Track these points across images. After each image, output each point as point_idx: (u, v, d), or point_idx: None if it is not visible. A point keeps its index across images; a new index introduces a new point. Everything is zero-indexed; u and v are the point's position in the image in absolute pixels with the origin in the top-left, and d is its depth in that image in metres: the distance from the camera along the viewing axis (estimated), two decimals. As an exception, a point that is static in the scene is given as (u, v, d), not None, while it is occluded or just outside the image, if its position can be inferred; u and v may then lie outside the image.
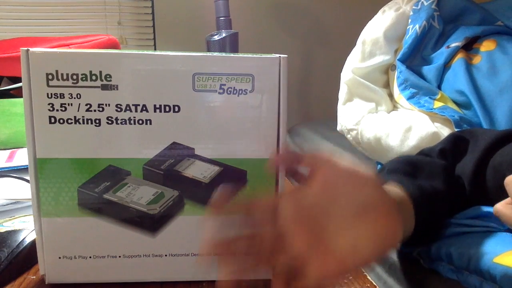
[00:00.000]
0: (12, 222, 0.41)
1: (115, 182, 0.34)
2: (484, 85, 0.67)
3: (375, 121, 0.76)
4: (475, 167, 0.43)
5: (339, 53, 1.19)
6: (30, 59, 0.32)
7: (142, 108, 0.33)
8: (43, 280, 0.35)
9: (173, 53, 0.33)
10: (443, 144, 0.47)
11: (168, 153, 0.34)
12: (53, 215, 0.34)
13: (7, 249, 0.37)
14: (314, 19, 1.77)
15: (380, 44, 0.82)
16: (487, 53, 0.71)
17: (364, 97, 0.81)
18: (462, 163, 0.45)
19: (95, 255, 0.35)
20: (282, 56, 0.34)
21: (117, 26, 1.64)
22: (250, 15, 1.68)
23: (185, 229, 0.35)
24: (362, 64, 0.82)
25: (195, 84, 0.34)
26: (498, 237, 0.40)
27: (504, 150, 0.42)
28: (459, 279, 0.39)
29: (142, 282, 0.36)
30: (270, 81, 0.34)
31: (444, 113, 0.68)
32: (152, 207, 0.35)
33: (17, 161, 0.58)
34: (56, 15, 1.57)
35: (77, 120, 0.33)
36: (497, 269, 0.35)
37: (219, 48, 1.16)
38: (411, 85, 0.75)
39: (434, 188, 0.40)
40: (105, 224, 0.35)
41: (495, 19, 0.79)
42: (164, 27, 1.66)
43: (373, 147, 0.76)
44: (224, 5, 1.20)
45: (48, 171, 0.34)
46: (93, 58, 0.33)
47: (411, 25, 0.81)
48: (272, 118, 0.35)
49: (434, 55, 0.77)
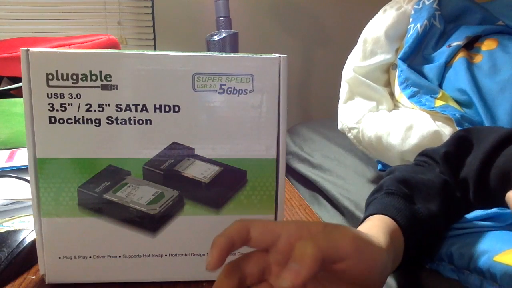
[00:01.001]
0: (12, 222, 0.41)
1: (115, 182, 0.34)
2: (486, 84, 0.67)
3: (376, 119, 0.76)
4: (479, 169, 0.42)
5: (339, 53, 1.19)
6: (30, 59, 0.32)
7: (142, 108, 0.33)
8: (43, 280, 0.35)
9: (173, 53, 0.33)
10: (447, 146, 0.47)
11: (168, 153, 0.34)
12: (53, 215, 0.34)
13: (7, 249, 0.37)
14: (314, 19, 1.77)
15: (381, 43, 0.82)
16: (488, 52, 0.71)
17: (365, 95, 0.81)
18: (467, 165, 0.45)
19: (95, 255, 0.35)
20: (282, 56, 0.34)
21: (117, 26, 1.64)
22: (250, 15, 1.68)
23: (185, 229, 0.35)
24: (363, 63, 0.82)
25: (195, 84, 0.34)
26: (498, 235, 0.40)
27: (508, 150, 0.41)
28: (459, 278, 0.39)
29: (142, 282, 0.36)
30: (270, 81, 0.34)
31: (445, 112, 0.68)
32: (152, 207, 0.35)
33: (17, 161, 0.58)
34: (56, 15, 1.57)
35: (77, 120, 0.33)
36: (497, 267, 0.35)
37: (219, 48, 1.16)
38: (412, 84, 0.75)
39: (430, 212, 0.40)
40: (105, 224, 0.35)
41: (496, 19, 0.79)
42: (164, 27, 1.66)
43: (374, 145, 0.76)
44: (224, 5, 1.20)
45: (48, 171, 0.33)
46: (93, 58, 0.32)
47: (412, 24, 0.81)
48: (272, 118, 0.35)
49: (435, 54, 0.77)
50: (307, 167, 0.99)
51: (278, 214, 0.36)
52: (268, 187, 0.36)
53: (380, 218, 0.38)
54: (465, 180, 0.44)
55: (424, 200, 0.41)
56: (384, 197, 0.41)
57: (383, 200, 0.40)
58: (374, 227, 0.36)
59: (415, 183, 0.42)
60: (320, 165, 0.95)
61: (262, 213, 0.36)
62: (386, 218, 0.37)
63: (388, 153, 0.74)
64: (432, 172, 0.45)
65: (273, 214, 0.36)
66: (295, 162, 1.04)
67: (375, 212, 0.39)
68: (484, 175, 0.42)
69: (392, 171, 0.46)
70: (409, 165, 0.49)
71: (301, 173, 0.99)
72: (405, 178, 0.42)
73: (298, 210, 0.53)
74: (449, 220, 0.42)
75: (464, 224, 0.43)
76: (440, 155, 0.46)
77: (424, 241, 0.39)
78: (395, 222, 0.37)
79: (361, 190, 0.80)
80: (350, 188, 0.82)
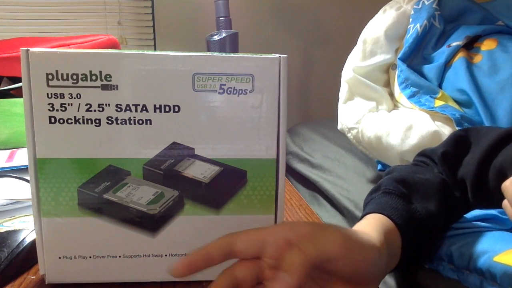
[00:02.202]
0: (12, 222, 0.41)
1: (115, 182, 0.34)
2: (485, 84, 0.67)
3: (376, 119, 0.76)
4: (477, 168, 0.42)
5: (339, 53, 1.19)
6: (30, 59, 0.32)
7: (142, 108, 0.33)
8: (43, 280, 0.35)
9: (173, 53, 0.33)
10: (445, 146, 0.47)
11: (168, 153, 0.34)
12: (53, 215, 0.34)
13: (7, 249, 0.37)
14: (314, 19, 1.77)
15: (381, 43, 0.82)
16: (488, 52, 0.71)
17: (365, 96, 0.81)
18: (465, 165, 0.45)
19: (95, 255, 0.35)
20: (282, 56, 0.34)
21: (117, 26, 1.64)
22: (250, 15, 1.67)
23: (185, 229, 0.35)
24: (363, 63, 0.82)
25: (195, 84, 0.34)
26: (498, 235, 0.40)
27: (506, 149, 0.41)
28: (459, 278, 0.39)
29: (142, 282, 0.36)
30: (270, 81, 0.34)
31: (445, 112, 0.68)
32: (152, 207, 0.35)
33: (17, 161, 0.58)
34: (56, 15, 1.57)
35: (77, 120, 0.33)
36: (497, 267, 0.35)
37: (219, 48, 1.16)
38: (412, 84, 0.75)
39: (428, 211, 0.40)
40: (105, 224, 0.35)
41: (495, 19, 0.79)
42: (164, 27, 1.66)
43: (373, 145, 0.76)
44: (224, 5, 1.20)
45: (48, 171, 0.34)
46: (93, 58, 0.32)
47: (412, 24, 0.81)
48: (272, 118, 0.35)
49: (435, 54, 0.77)
50: (307, 167, 0.99)
51: (278, 214, 0.36)
52: (268, 187, 0.36)
53: (376, 217, 0.38)
54: (463, 180, 0.44)
55: (422, 199, 0.41)
56: (381, 197, 0.41)
57: (381, 199, 0.40)
58: (369, 225, 0.36)
59: (413, 182, 0.42)
60: (320, 165, 0.95)
61: (262, 213, 0.36)
62: (382, 217, 0.38)
63: (388, 153, 0.74)
64: (431, 172, 0.45)
65: (273, 214, 0.36)
66: (295, 162, 1.04)
67: (371, 211, 0.39)
68: (482, 175, 0.42)
69: (391, 171, 0.46)
70: (408, 165, 0.49)
71: (301, 173, 0.99)
72: (403, 178, 0.42)
73: (298, 210, 0.53)
74: (447, 220, 0.42)
75: (463, 224, 0.43)
76: (439, 155, 0.46)
77: (422, 240, 0.39)
78: (392, 221, 0.37)
79: (361, 190, 0.80)
80: (350, 188, 0.82)
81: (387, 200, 0.40)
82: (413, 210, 0.39)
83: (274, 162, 0.35)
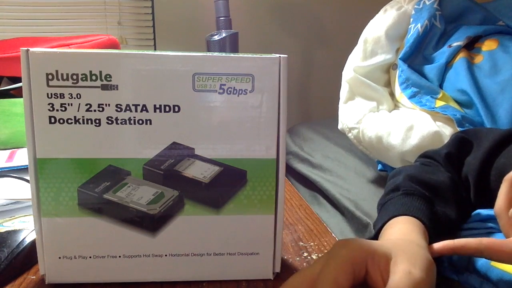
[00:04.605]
0: (12, 222, 0.41)
1: (115, 182, 0.34)
2: (486, 84, 0.67)
3: (377, 120, 0.76)
4: (479, 169, 0.42)
5: (339, 53, 1.19)
6: (30, 59, 0.32)
7: (142, 108, 0.33)
8: (43, 280, 0.35)
9: (173, 53, 0.33)
10: (448, 148, 0.47)
11: (168, 153, 0.34)
12: (53, 215, 0.34)
13: (7, 249, 0.37)
14: (314, 19, 1.77)
15: (381, 43, 0.82)
16: (488, 53, 0.71)
17: (365, 96, 0.81)
18: (467, 165, 0.45)
19: (95, 255, 0.35)
20: (282, 56, 0.34)
21: (117, 26, 1.64)
22: (250, 15, 1.68)
23: (185, 229, 0.35)
24: (364, 63, 0.82)
25: (195, 84, 0.34)
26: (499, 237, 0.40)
27: (508, 150, 0.41)
28: (459, 279, 0.39)
29: (142, 282, 0.36)
30: (270, 81, 0.34)
31: (446, 112, 0.68)
32: (152, 207, 0.35)
33: (17, 161, 0.58)
34: (56, 15, 1.57)
35: (77, 120, 0.33)
36: (493, 272, 0.35)
37: (219, 48, 1.16)
38: (413, 84, 0.75)
39: (447, 216, 0.40)
40: (105, 224, 0.35)
41: (496, 19, 0.79)
42: (164, 27, 1.66)
43: (374, 146, 0.76)
44: (224, 5, 1.20)
45: (48, 171, 0.33)
46: (93, 58, 0.32)
47: (412, 24, 0.81)
48: (272, 118, 0.35)
49: (435, 54, 0.77)
50: (307, 167, 0.99)
51: (278, 214, 0.36)
52: (268, 187, 0.36)
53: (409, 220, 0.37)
54: (466, 180, 0.44)
55: (440, 202, 0.41)
56: (402, 197, 0.40)
57: (403, 200, 0.40)
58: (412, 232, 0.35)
59: (430, 185, 0.42)
60: (320, 165, 0.95)
61: (262, 213, 0.36)
62: (414, 220, 0.37)
63: (389, 153, 0.74)
64: (442, 173, 0.44)
65: (273, 214, 0.36)
66: (295, 162, 1.04)
67: (397, 213, 0.38)
68: (484, 176, 0.42)
69: (399, 172, 0.46)
70: (416, 165, 0.49)
71: (301, 173, 0.99)
72: (420, 179, 0.42)
73: (298, 210, 0.53)
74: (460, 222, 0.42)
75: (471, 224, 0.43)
76: (442, 157, 0.46)
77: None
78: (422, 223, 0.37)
79: (361, 190, 0.80)
80: (350, 188, 0.82)
81: (411, 201, 0.39)
82: (436, 213, 0.39)
83: (274, 162, 0.35)
